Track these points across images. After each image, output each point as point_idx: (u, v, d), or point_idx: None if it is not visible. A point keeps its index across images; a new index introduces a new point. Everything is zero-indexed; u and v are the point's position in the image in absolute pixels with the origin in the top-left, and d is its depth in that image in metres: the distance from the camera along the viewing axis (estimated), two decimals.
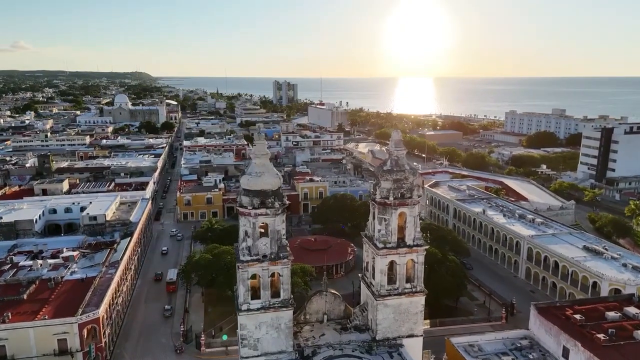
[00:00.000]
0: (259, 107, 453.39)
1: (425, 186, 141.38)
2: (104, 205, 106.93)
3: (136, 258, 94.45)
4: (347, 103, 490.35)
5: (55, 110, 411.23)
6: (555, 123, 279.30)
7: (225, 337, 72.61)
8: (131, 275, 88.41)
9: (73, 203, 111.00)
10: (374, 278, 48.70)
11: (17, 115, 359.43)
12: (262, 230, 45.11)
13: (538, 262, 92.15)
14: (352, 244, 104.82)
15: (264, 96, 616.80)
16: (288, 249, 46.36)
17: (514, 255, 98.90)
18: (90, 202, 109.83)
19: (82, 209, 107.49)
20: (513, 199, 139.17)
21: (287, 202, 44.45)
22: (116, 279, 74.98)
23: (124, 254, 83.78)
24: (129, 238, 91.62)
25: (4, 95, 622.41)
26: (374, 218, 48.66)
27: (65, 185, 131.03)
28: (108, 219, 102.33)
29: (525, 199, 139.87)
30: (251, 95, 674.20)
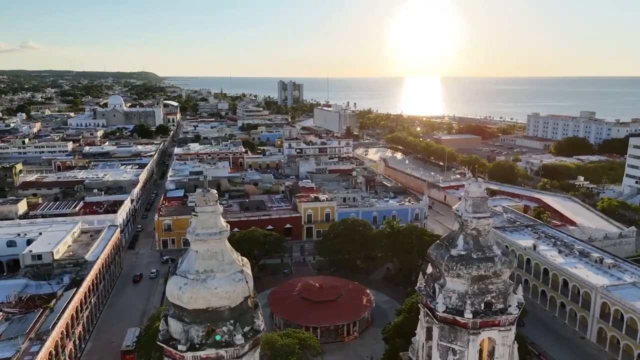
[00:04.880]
0: (261, 108, 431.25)
1: (453, 208, 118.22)
2: (56, 238, 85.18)
3: (86, 315, 72.33)
4: (355, 104, 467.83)
5: (48, 112, 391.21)
6: (585, 127, 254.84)
7: (218, 337, 51.95)
8: (74, 341, 66.43)
9: (19, 234, 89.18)
10: None
11: (6, 118, 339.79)
12: None
13: (617, 323, 69.18)
14: (368, 290, 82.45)
15: (269, 96, 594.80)
16: None
17: (580, 310, 75.90)
18: (40, 233, 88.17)
19: (30, 242, 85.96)
20: (559, 223, 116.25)
21: (263, 328, 22.32)
22: None
23: (60, 316, 61.78)
24: (75, 289, 69.65)
25: (3, 95, 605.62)
26: (427, 338, 26.13)
27: (22, 207, 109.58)
28: (58, 257, 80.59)
29: (574, 223, 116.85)
30: (255, 96, 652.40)
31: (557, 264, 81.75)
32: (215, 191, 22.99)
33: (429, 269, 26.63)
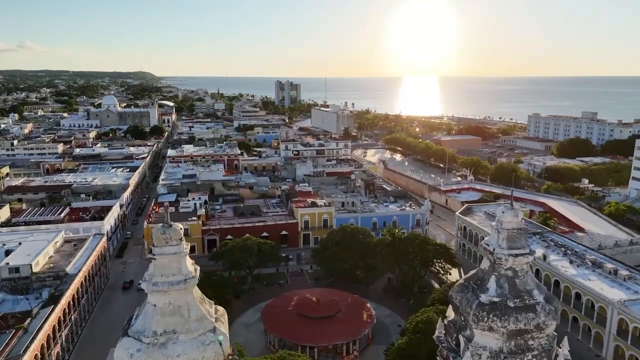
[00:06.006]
0: (258, 109, 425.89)
1: (457, 213, 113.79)
2: (37, 248, 79.99)
3: (65, 334, 67.15)
4: (353, 104, 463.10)
5: (41, 112, 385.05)
6: (587, 128, 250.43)
7: (220, 338, 46.21)
8: None
9: None
10: None
11: None
12: None
13: (636, 341, 64.53)
14: (368, 304, 77.47)
15: (266, 96, 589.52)
16: None
17: (594, 326, 71.11)
18: (20, 243, 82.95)
19: (8, 252, 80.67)
20: (566, 230, 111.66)
21: None
22: None
23: (34, 337, 56.66)
24: (53, 306, 64.46)
25: None
26: None
27: (4, 213, 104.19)
28: (37, 269, 75.40)
29: (582, 229, 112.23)
30: (253, 96, 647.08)
31: (569, 275, 76.97)
32: (179, 226, 17.96)
33: (450, 313, 21.67)
